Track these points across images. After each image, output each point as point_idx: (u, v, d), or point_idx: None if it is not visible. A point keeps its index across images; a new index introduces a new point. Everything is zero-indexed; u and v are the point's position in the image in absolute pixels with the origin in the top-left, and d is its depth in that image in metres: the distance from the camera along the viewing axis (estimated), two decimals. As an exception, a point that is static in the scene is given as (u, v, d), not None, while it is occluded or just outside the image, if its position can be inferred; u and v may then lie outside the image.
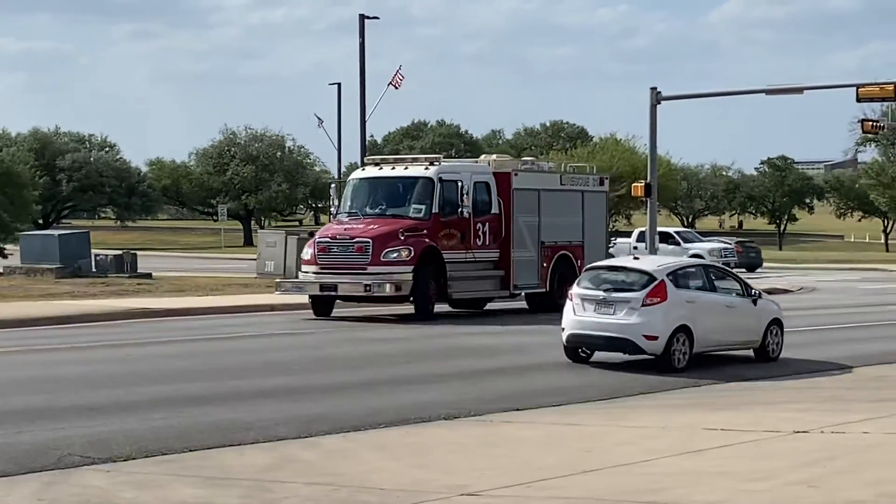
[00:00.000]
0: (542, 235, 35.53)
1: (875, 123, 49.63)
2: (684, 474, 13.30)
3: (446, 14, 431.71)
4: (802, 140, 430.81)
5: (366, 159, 39.25)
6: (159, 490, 12.61)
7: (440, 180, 33.28)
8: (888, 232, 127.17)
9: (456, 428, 16.51)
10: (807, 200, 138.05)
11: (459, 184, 33.45)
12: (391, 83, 56.38)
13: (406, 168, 34.35)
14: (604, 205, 38.62)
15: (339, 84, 73.28)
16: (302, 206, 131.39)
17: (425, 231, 32.78)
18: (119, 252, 48.00)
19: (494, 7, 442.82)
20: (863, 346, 27.66)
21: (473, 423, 16.89)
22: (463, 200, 33.27)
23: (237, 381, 20.48)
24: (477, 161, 37.51)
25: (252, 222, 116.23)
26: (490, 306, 36.43)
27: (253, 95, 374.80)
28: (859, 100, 41.09)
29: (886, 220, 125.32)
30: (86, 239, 47.33)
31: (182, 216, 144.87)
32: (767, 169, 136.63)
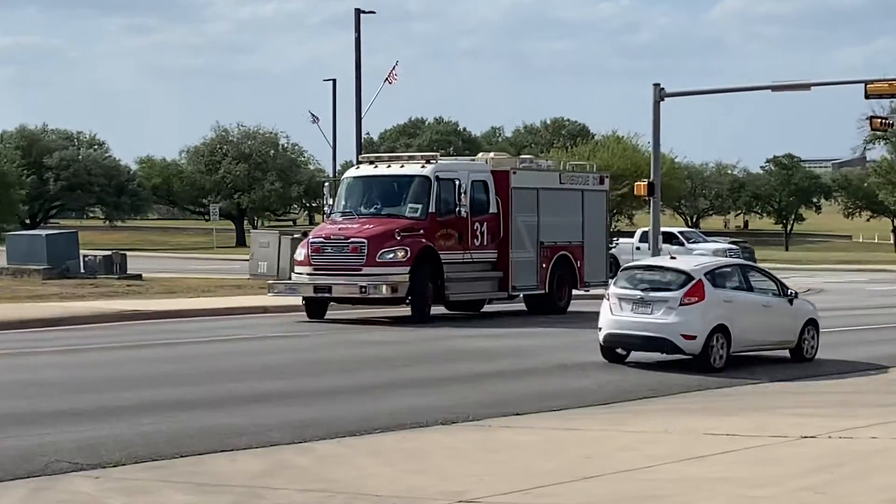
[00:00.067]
0: (541, 235, 35.19)
1: (884, 120, 49.43)
2: (686, 481, 13.19)
3: (443, 8, 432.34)
4: (809, 138, 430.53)
5: (360, 157, 38.98)
6: (149, 497, 12.54)
7: (437, 179, 32.87)
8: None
9: (453, 433, 16.41)
10: (814, 200, 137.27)
11: (457, 182, 33.03)
12: (386, 80, 56.13)
13: (402, 166, 33.97)
14: (604, 204, 38.35)
15: (334, 80, 72.91)
16: (296, 206, 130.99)
17: (422, 231, 32.41)
18: (108, 253, 47.78)
19: (492, 1, 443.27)
20: (878, 349, 27.48)
21: (471, 428, 16.79)
22: (460, 199, 32.86)
23: (229, 385, 20.36)
24: (474, 159, 37.24)
25: (245, 222, 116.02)
26: (487, 308, 36.17)
27: (245, 92, 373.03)
28: (868, 96, 40.97)
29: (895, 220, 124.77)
30: (74, 239, 47.07)
31: (173, 216, 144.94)
32: (773, 167, 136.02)
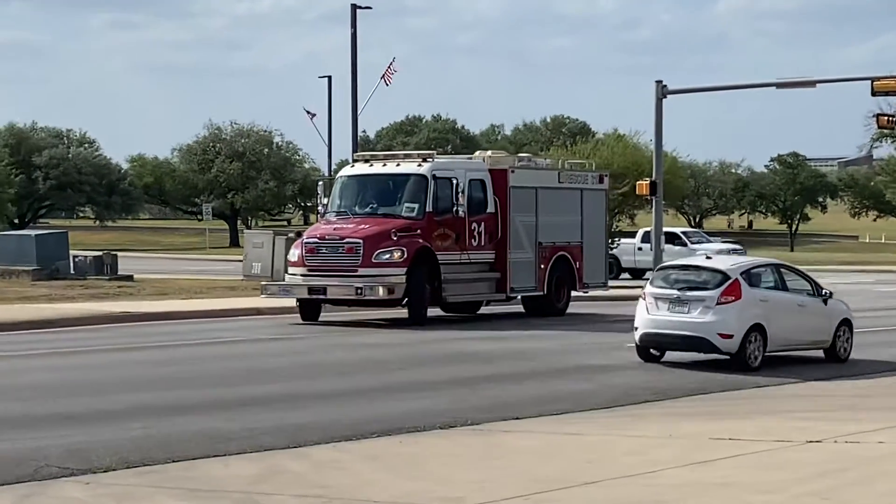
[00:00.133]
0: (540, 236, 34.88)
1: (891, 118, 49.14)
2: (689, 486, 13.18)
3: (441, 4, 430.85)
4: (815, 136, 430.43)
5: (355, 156, 38.74)
6: (141, 503, 12.47)
7: (434, 178, 32.53)
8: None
9: (452, 437, 16.31)
10: (819, 199, 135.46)
11: (454, 181, 32.64)
12: (383, 78, 55.89)
13: (398, 165, 33.65)
14: (603, 203, 38.10)
15: (330, 77, 72.63)
16: (290, 205, 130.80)
17: (419, 231, 32.09)
18: (99, 253, 47.51)
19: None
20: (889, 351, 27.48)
21: (470, 433, 16.68)
22: (458, 199, 32.49)
23: (222, 389, 20.24)
24: (472, 158, 36.98)
25: (238, 222, 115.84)
26: (484, 310, 35.90)
27: (239, 88, 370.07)
28: (874, 93, 40.81)
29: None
30: (64, 239, 46.82)
31: (165, 215, 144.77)
32: (778, 166, 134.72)
